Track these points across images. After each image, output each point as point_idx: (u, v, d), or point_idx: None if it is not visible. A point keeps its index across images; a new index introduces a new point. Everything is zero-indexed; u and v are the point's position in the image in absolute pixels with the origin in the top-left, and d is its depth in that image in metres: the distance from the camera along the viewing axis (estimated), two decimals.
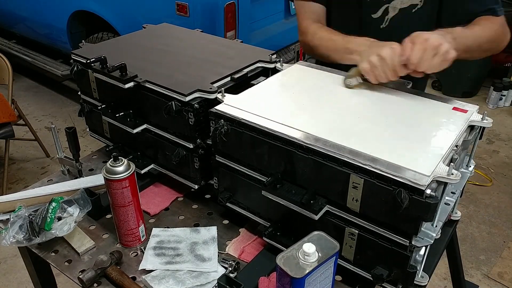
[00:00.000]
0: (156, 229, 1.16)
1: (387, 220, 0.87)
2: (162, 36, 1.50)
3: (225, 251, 1.10)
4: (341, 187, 0.89)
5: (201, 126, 1.12)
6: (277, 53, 1.72)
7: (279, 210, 1.03)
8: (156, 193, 1.31)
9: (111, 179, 1.02)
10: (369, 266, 0.94)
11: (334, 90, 1.15)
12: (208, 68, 1.24)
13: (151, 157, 1.30)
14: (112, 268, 1.03)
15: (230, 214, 1.20)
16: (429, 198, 0.80)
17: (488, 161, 3.21)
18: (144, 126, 1.23)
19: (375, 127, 0.98)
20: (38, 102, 3.94)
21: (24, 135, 3.34)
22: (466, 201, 2.78)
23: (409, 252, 0.88)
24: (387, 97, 1.11)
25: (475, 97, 4.10)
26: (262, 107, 1.04)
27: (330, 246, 0.85)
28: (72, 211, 1.12)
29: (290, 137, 0.93)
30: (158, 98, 1.14)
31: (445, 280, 2.23)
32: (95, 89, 1.33)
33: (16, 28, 3.99)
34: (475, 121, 1.02)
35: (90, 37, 3.18)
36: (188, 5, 2.52)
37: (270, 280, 0.98)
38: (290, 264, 0.81)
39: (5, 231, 1.09)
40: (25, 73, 4.34)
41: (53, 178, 1.39)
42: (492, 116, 3.34)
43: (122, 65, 1.16)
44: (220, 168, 1.12)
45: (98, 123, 1.41)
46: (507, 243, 2.49)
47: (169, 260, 1.06)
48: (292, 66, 1.28)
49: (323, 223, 0.96)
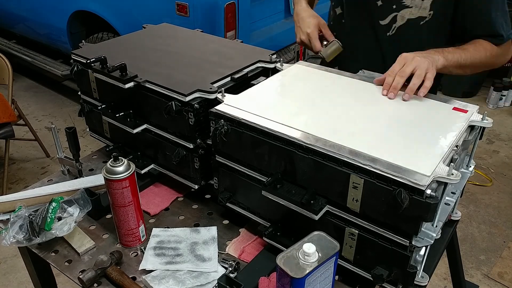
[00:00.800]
0: (156, 229, 1.16)
1: (387, 220, 0.87)
2: (162, 36, 1.50)
3: (225, 251, 1.10)
4: (341, 187, 0.89)
5: (201, 126, 1.12)
6: (277, 53, 1.72)
7: (279, 210, 1.03)
8: (156, 193, 1.31)
9: (111, 179, 1.02)
10: (369, 266, 0.94)
11: (334, 90, 1.15)
12: (208, 68, 1.24)
13: (151, 157, 1.30)
14: (112, 268, 1.03)
15: (230, 214, 1.20)
16: (429, 198, 0.80)
17: (488, 161, 3.21)
18: (144, 126, 1.23)
19: (375, 127, 0.98)
20: (38, 102, 3.94)
21: (24, 135, 3.34)
22: (466, 201, 2.78)
23: (409, 252, 0.88)
24: (387, 97, 1.11)
25: (475, 97, 4.10)
26: (262, 107, 1.04)
27: (330, 246, 0.85)
28: (72, 211, 1.12)
29: (290, 137, 0.93)
30: (158, 98, 1.14)
31: (445, 280, 2.23)
32: (95, 89, 1.33)
33: (16, 28, 3.98)
34: (475, 121, 1.02)
35: (90, 37, 3.18)
36: (188, 5, 2.52)
37: (270, 280, 0.98)
38: (290, 264, 0.81)
39: (5, 231, 1.09)
40: (25, 73, 4.34)
41: (53, 178, 1.39)
42: (492, 116, 3.34)
43: (122, 65, 1.16)
44: (220, 168, 1.12)
45: (98, 123, 1.41)
46: (507, 243, 2.49)
47: (169, 260, 1.06)
48: (292, 66, 1.28)
49: (323, 223, 0.96)
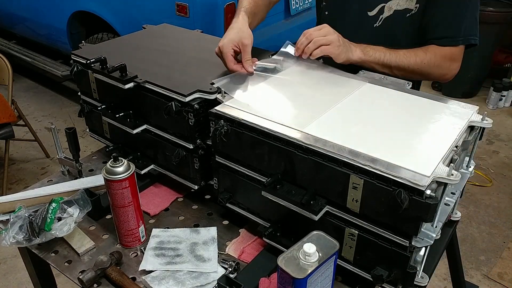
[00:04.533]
0: (156, 229, 1.16)
1: (387, 221, 0.87)
2: (162, 37, 1.50)
3: (225, 251, 1.10)
4: (341, 188, 0.89)
5: (201, 127, 1.12)
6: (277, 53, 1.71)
7: (279, 211, 1.03)
8: (156, 194, 1.31)
9: (111, 180, 1.02)
10: (369, 266, 0.94)
11: (334, 91, 1.15)
12: (208, 69, 1.24)
13: (151, 157, 1.30)
14: (112, 268, 1.03)
15: (230, 214, 1.20)
16: (429, 198, 0.80)
17: (488, 161, 3.21)
18: (144, 127, 1.23)
19: (375, 127, 0.98)
20: (38, 102, 3.93)
21: (24, 135, 3.34)
22: (466, 201, 2.78)
23: (409, 253, 0.88)
24: (387, 97, 1.11)
25: (475, 98, 4.10)
26: (262, 107, 1.04)
27: (330, 245, 0.85)
28: (72, 212, 1.12)
29: (290, 138, 0.93)
30: (158, 98, 1.14)
31: (445, 281, 2.23)
32: (95, 90, 1.33)
33: (16, 28, 3.98)
34: (475, 122, 1.02)
35: (90, 38, 3.18)
36: (188, 6, 2.52)
37: (270, 281, 0.98)
38: (291, 265, 0.81)
39: (5, 232, 1.09)
40: (25, 73, 4.34)
41: (53, 178, 1.39)
42: (492, 116, 3.34)
43: (122, 65, 1.16)
44: (220, 169, 1.12)
45: (98, 123, 1.41)
46: (507, 243, 2.49)
47: (169, 260, 1.06)
48: (292, 66, 1.28)
49: (323, 223, 0.96)
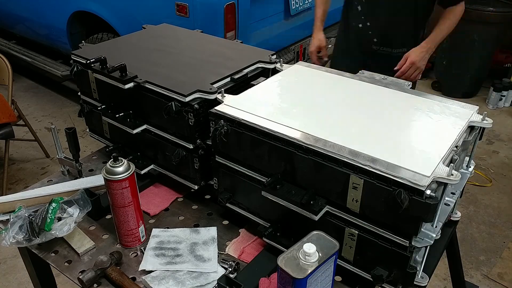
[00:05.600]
0: (156, 229, 1.16)
1: (387, 221, 0.87)
2: (162, 37, 1.50)
3: (225, 251, 1.10)
4: (341, 188, 0.89)
5: (201, 127, 1.12)
6: (277, 53, 1.72)
7: (279, 211, 1.03)
8: (156, 194, 1.31)
9: (111, 180, 1.02)
10: (369, 266, 0.94)
11: (334, 91, 1.15)
12: (208, 69, 1.24)
13: (151, 157, 1.30)
14: (112, 268, 1.03)
15: (230, 214, 1.20)
16: (429, 198, 0.80)
17: (488, 161, 3.21)
18: (144, 127, 1.23)
19: (375, 127, 0.98)
20: (38, 102, 3.93)
21: (24, 135, 3.34)
22: (466, 201, 2.78)
23: (409, 253, 0.88)
24: (387, 97, 1.11)
25: (475, 98, 4.09)
26: (262, 107, 1.04)
27: (330, 245, 0.85)
28: (72, 212, 1.12)
29: (290, 138, 0.93)
30: (158, 98, 1.14)
31: (445, 281, 2.23)
32: (95, 90, 1.33)
33: (16, 28, 3.98)
34: (475, 122, 1.02)
35: (90, 38, 3.17)
36: (188, 6, 2.52)
37: (270, 281, 0.98)
38: (291, 265, 0.81)
39: (5, 232, 1.09)
40: (25, 73, 4.33)
41: (53, 178, 1.39)
42: (492, 116, 3.34)
43: (122, 65, 1.16)
44: (220, 169, 1.12)
45: (98, 123, 1.41)
46: (506, 243, 2.49)
47: (169, 260, 1.06)
48: (292, 67, 1.28)
49: (323, 223, 0.96)
